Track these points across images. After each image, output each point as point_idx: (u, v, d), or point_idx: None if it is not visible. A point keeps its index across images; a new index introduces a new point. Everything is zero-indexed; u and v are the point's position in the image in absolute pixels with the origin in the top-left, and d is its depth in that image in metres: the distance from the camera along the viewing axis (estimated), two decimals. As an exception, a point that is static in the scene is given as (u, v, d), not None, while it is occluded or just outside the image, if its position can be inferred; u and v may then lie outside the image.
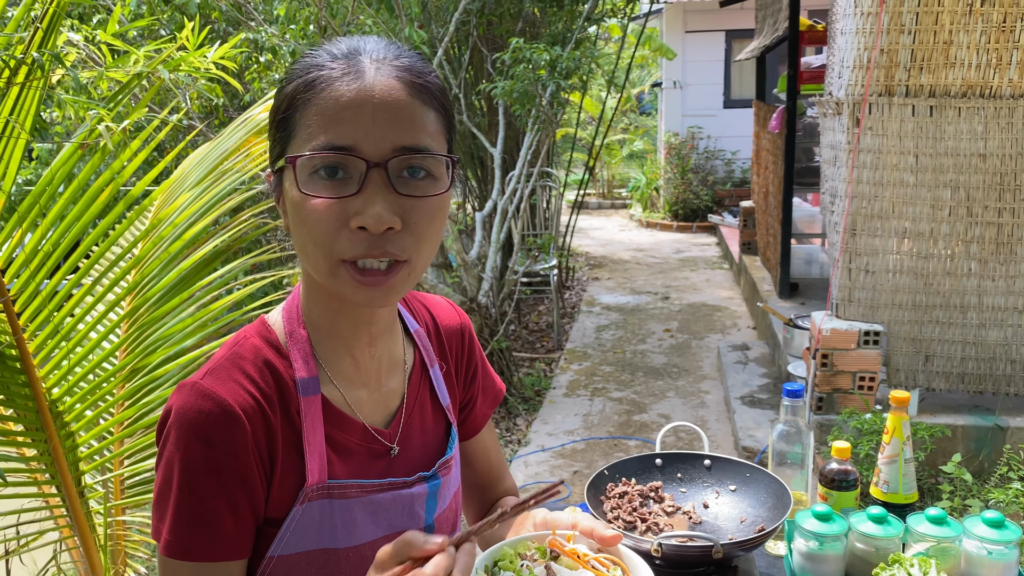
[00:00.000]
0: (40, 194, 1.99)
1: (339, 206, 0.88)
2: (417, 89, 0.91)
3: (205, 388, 0.95)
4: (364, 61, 0.90)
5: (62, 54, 2.06)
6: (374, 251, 0.89)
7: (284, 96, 0.93)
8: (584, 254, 10.07)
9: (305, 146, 0.89)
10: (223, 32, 4.90)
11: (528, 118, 5.36)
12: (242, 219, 2.45)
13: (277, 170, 0.95)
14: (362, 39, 0.94)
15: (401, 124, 0.88)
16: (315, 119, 0.88)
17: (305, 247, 0.92)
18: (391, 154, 0.88)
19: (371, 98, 0.87)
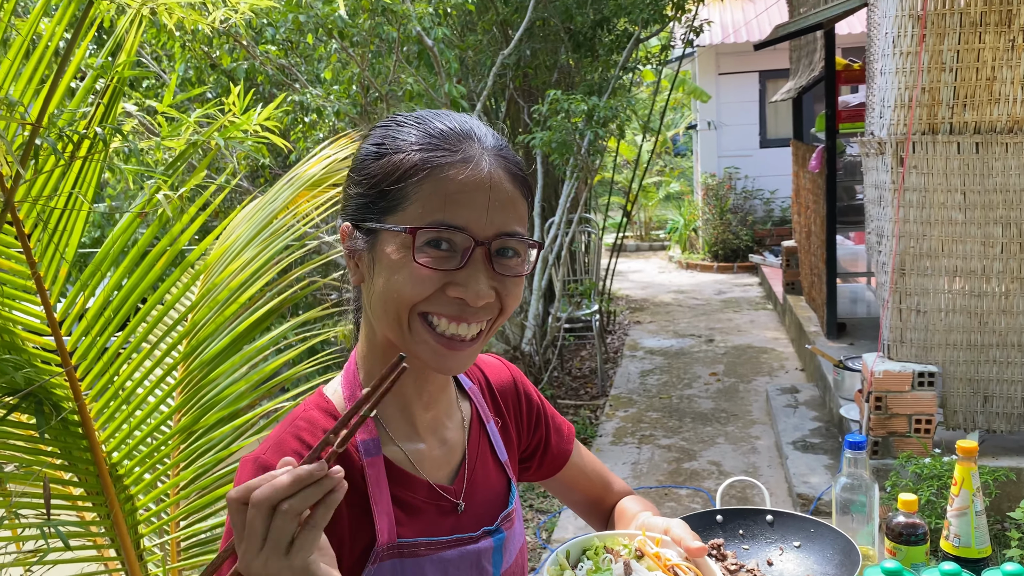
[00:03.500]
0: (101, 261, 2.05)
1: (441, 274, 0.94)
2: (518, 180, 1.00)
3: (265, 461, 0.97)
4: (476, 148, 0.97)
5: (120, 125, 2.14)
6: (466, 317, 0.96)
7: (395, 166, 0.96)
8: (625, 297, 10.03)
9: (421, 219, 0.94)
10: (268, 94, 5.04)
11: (566, 167, 5.40)
12: (291, 277, 2.49)
13: (366, 229, 0.99)
14: (467, 120, 1.01)
15: (505, 211, 0.97)
16: (433, 196, 0.94)
17: (387, 304, 0.97)
18: (494, 236, 0.96)
19: (486, 186, 0.95)
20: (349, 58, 4.64)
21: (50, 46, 1.82)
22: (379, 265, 0.97)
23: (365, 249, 0.99)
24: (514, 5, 6.04)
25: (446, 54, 4.85)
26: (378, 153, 0.99)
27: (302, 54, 5.41)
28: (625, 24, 6.07)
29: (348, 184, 1.04)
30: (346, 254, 1.03)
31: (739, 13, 11.71)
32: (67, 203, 1.96)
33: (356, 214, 1.00)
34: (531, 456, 1.28)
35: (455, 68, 4.98)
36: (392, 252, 0.96)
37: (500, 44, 6.43)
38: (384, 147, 0.98)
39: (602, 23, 5.97)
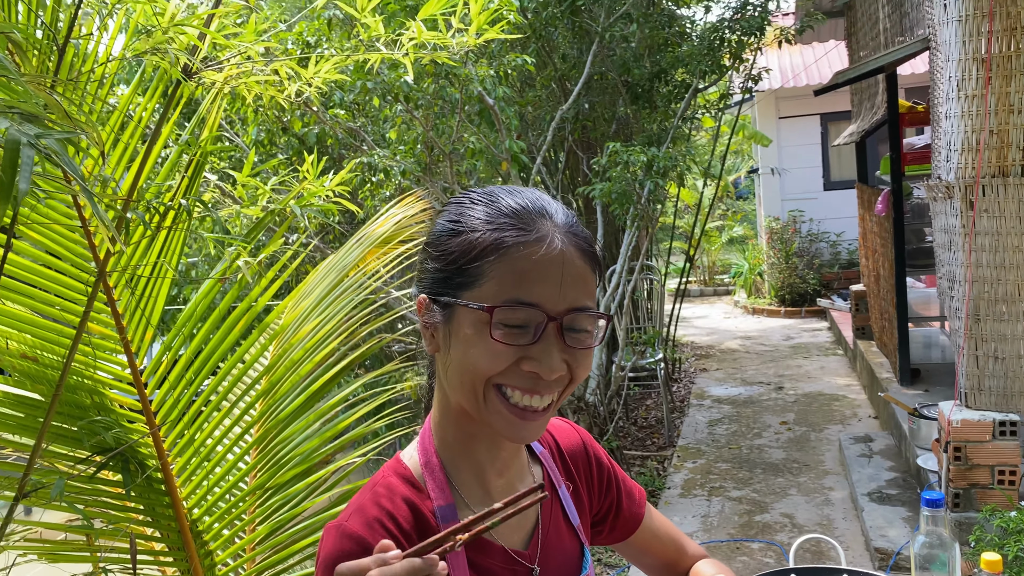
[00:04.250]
0: (184, 324, 2.15)
1: (515, 349, 0.98)
2: (588, 256, 1.03)
3: (346, 529, 1.01)
4: (549, 226, 1.01)
5: (202, 194, 2.26)
6: (539, 390, 0.99)
7: (471, 245, 1.00)
8: (689, 344, 9.92)
9: (497, 296, 0.98)
10: (337, 155, 5.22)
11: (626, 216, 5.43)
12: (362, 333, 2.56)
13: (443, 303, 1.03)
14: (538, 196, 1.05)
15: (576, 286, 1.00)
16: (509, 275, 0.98)
17: (463, 376, 1.01)
18: (566, 311, 0.99)
19: (559, 264, 0.99)
20: (413, 119, 4.78)
21: (141, 123, 1.95)
22: (455, 338, 1.01)
23: (441, 322, 1.03)
24: (572, 61, 6.16)
25: (506, 111, 4.96)
26: (454, 231, 1.03)
27: (368, 115, 5.60)
28: (683, 75, 6.12)
29: (424, 258, 1.07)
30: (422, 325, 1.07)
31: (798, 57, 11.68)
32: (153, 271, 2.07)
33: (432, 288, 1.04)
34: (603, 520, 1.29)
35: (515, 124, 5.08)
36: (468, 327, 0.99)
37: (558, 98, 6.54)
38: (460, 225, 1.03)
39: (660, 75, 6.03)
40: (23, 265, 1.99)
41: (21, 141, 0.76)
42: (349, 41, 4.28)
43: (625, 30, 5.96)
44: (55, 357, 2.00)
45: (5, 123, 0.78)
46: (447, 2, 2.28)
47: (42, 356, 2.00)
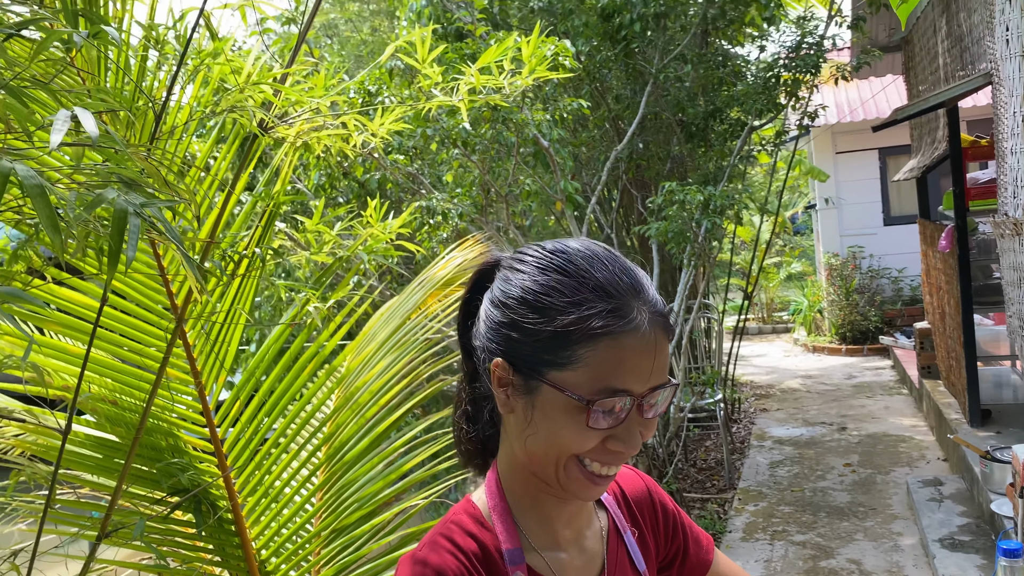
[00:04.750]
0: (255, 369, 2.22)
1: (603, 431, 1.00)
2: (670, 333, 1.05)
3: (421, 558, 1.05)
4: (641, 308, 1.01)
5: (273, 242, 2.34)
6: (618, 462, 1.02)
7: (566, 331, 0.99)
8: (749, 383, 9.76)
9: (591, 384, 0.99)
10: (396, 198, 5.34)
11: (683, 255, 5.42)
12: (424, 375, 2.60)
13: (526, 373, 1.03)
14: (626, 270, 1.04)
15: (661, 367, 1.02)
16: (603, 365, 0.98)
17: (548, 450, 1.02)
18: (648, 391, 1.01)
19: (651, 352, 1.00)
20: (470, 163, 4.87)
21: (218, 176, 2.04)
22: (539, 413, 1.02)
23: (522, 391, 1.04)
24: (625, 102, 6.21)
25: (561, 152, 5.03)
26: (538, 305, 1.01)
27: (424, 158, 5.72)
28: (738, 113, 6.13)
29: (503, 320, 1.05)
30: (496, 384, 1.06)
31: (854, 92, 11.57)
32: (226, 317, 2.15)
33: (512, 356, 1.03)
34: (670, 565, 1.30)
35: (570, 165, 5.14)
36: (558, 409, 1.00)
37: (612, 138, 6.60)
38: (545, 299, 1.01)
39: (714, 114, 6.05)
40: (105, 312, 2.08)
41: (128, 211, 0.81)
42: (409, 89, 4.41)
43: (679, 71, 6.00)
44: (133, 400, 2.08)
45: (113, 193, 0.84)
46: (503, 51, 2.35)
47: (121, 400, 2.08)
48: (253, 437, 2.21)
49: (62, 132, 0.73)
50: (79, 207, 0.80)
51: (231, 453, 2.20)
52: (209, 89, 1.87)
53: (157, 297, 2.07)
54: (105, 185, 0.96)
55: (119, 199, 0.82)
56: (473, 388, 1.17)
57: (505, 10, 5.71)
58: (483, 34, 4.86)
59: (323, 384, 2.28)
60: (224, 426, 2.19)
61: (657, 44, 5.78)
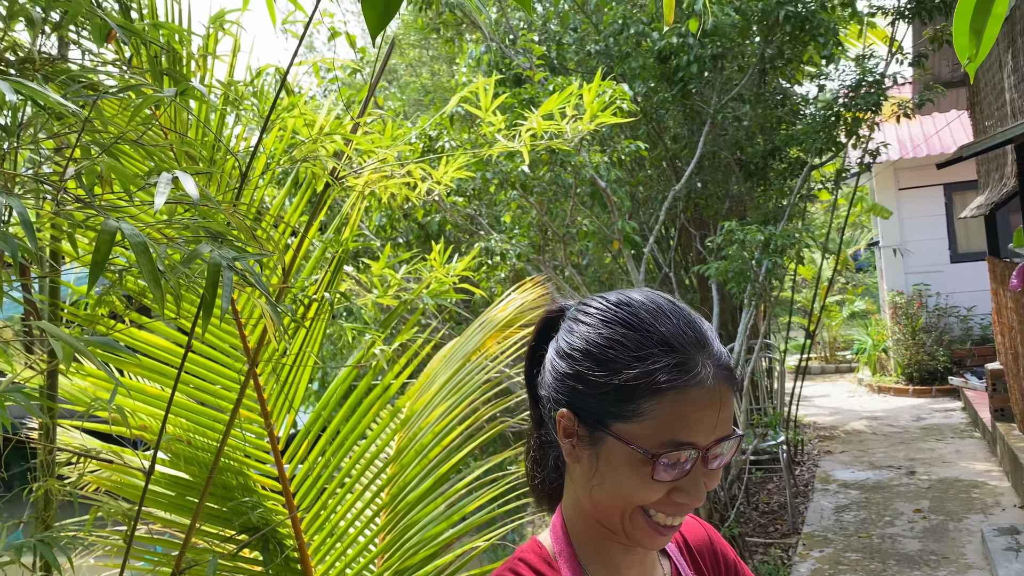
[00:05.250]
0: (322, 410, 2.28)
1: (668, 483, 1.01)
2: (735, 385, 1.05)
3: None
4: (705, 361, 1.02)
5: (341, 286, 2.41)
6: (683, 512, 1.03)
7: (632, 385, 1.01)
8: (812, 424, 9.54)
9: (655, 437, 1.00)
10: (454, 238, 5.42)
11: (744, 295, 5.37)
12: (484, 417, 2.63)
13: (592, 425, 1.05)
14: (690, 323, 1.05)
15: (725, 419, 1.03)
16: (668, 419, 1.00)
17: (613, 500, 1.04)
18: (713, 443, 1.02)
19: (716, 405, 1.01)
20: (528, 204, 4.93)
21: (291, 223, 2.12)
22: (605, 464, 1.03)
23: (587, 443, 1.05)
24: (683, 141, 6.22)
25: (618, 192, 5.05)
26: (602, 358, 1.03)
27: (481, 198, 5.80)
28: (797, 152, 6.09)
29: (568, 372, 1.06)
30: (562, 433, 1.07)
31: (917, 128, 11.38)
32: (296, 359, 2.21)
33: (577, 406, 1.05)
34: None
35: (627, 205, 5.16)
36: (623, 461, 1.02)
37: (670, 177, 6.60)
38: (610, 353, 1.03)
39: (773, 152, 6.02)
40: (180, 353, 2.16)
41: (222, 265, 0.87)
42: (469, 133, 4.50)
43: (737, 110, 6.00)
44: (207, 440, 2.15)
45: (207, 248, 0.89)
46: (565, 98, 2.40)
47: (195, 439, 2.15)
48: (320, 476, 2.25)
49: (164, 195, 0.79)
50: (177, 261, 0.86)
51: (298, 492, 2.25)
52: (284, 141, 1.95)
53: (231, 340, 2.14)
54: (196, 238, 1.02)
55: (213, 254, 0.88)
56: (540, 435, 1.19)
57: (562, 55, 5.80)
58: (541, 79, 4.95)
59: (387, 425, 2.32)
60: (292, 465, 2.24)
61: (714, 84, 5.80)
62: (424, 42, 10.61)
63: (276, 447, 2.22)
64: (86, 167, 0.87)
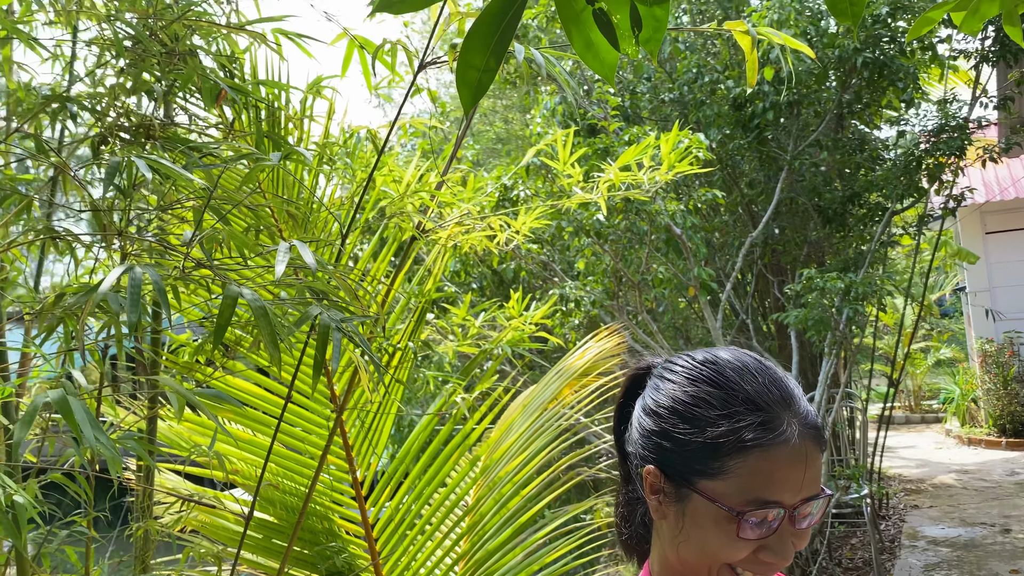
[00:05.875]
0: (404, 458, 2.33)
1: (755, 542, 1.02)
2: (822, 444, 1.05)
3: None
4: (791, 420, 1.03)
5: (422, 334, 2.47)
6: (769, 573, 1.03)
7: (717, 443, 1.03)
8: (897, 477, 9.18)
9: (741, 494, 1.01)
10: (528, 285, 5.48)
11: (824, 344, 5.26)
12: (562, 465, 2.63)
13: (678, 482, 1.07)
14: (776, 381, 1.06)
15: (814, 479, 1.03)
16: (754, 477, 1.01)
17: (700, 557, 1.05)
18: (801, 502, 1.02)
19: (802, 464, 1.02)
20: (602, 250, 4.96)
21: (378, 274, 2.20)
22: (691, 521, 1.05)
23: (673, 499, 1.07)
24: (759, 187, 6.19)
25: (694, 239, 5.04)
26: (688, 416, 1.05)
27: (553, 244, 5.86)
28: (877, 198, 5.98)
29: (654, 429, 1.09)
30: (648, 490, 1.09)
31: (1004, 170, 11.03)
32: (379, 407, 2.27)
33: (664, 464, 1.07)
34: None
35: (703, 252, 5.14)
36: (709, 519, 1.03)
37: (746, 223, 6.55)
38: (695, 411, 1.04)
39: (852, 198, 5.92)
40: (271, 400, 2.25)
41: (331, 326, 0.92)
42: (543, 182, 4.58)
43: (815, 156, 5.94)
44: (294, 484, 2.22)
45: (316, 310, 0.95)
46: (643, 150, 2.43)
47: (283, 484, 2.22)
48: (401, 523, 2.29)
49: (284, 263, 0.85)
50: (291, 322, 0.92)
51: (380, 538, 2.30)
52: (373, 197, 2.04)
53: (318, 386, 2.22)
54: (301, 299, 1.08)
55: (323, 316, 0.93)
56: (628, 490, 1.21)
57: (636, 103, 5.86)
58: (616, 129, 5.01)
59: (466, 474, 2.35)
60: (375, 511, 2.29)
61: (791, 130, 5.76)
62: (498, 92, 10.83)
63: (360, 492, 2.28)
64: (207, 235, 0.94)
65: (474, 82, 0.82)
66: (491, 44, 0.80)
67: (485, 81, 0.83)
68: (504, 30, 0.80)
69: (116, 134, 1.59)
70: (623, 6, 0.80)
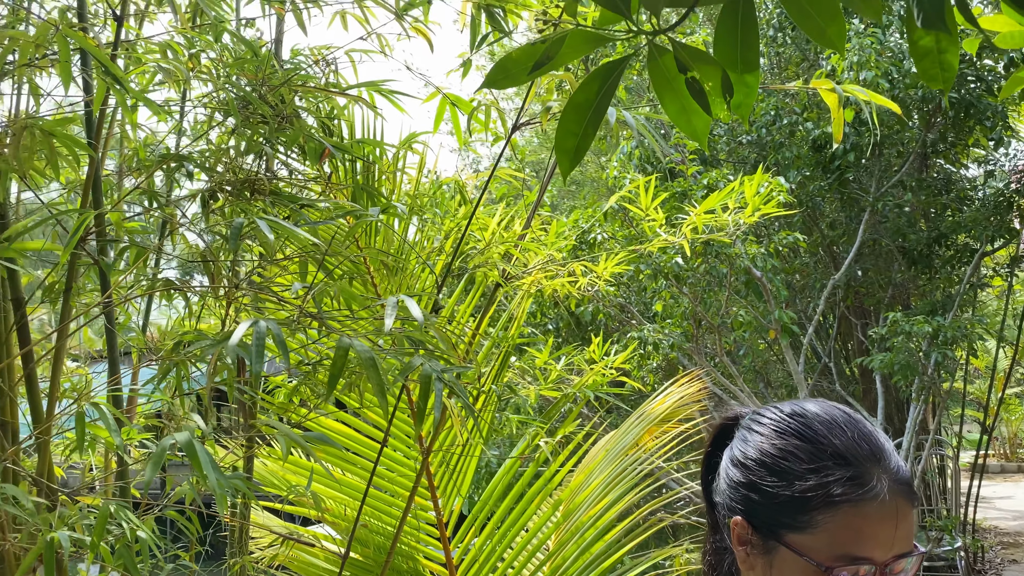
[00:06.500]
0: (487, 501, 2.36)
1: None
2: (914, 500, 1.04)
3: None
4: (881, 476, 1.02)
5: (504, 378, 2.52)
6: None
7: (806, 497, 1.02)
8: (992, 529, 8.74)
9: (830, 549, 1.01)
10: (604, 326, 5.49)
11: (911, 389, 5.11)
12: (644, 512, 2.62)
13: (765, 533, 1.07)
14: (866, 435, 1.05)
15: (904, 535, 1.02)
16: (843, 532, 1.01)
17: None
18: (892, 559, 1.01)
19: (893, 521, 1.01)
20: (680, 293, 4.96)
21: (463, 320, 2.27)
22: (778, 573, 1.05)
23: (761, 551, 1.07)
24: (840, 228, 6.09)
25: (774, 281, 4.99)
26: (776, 468, 1.05)
27: (631, 286, 5.86)
28: (966, 239, 5.82)
29: (742, 480, 1.09)
30: (735, 541, 1.09)
31: (1102, 207, 10.56)
32: (463, 449, 2.32)
33: (751, 515, 1.07)
34: None
35: (784, 295, 5.07)
36: (795, 571, 1.03)
37: (827, 264, 6.43)
38: (783, 464, 1.05)
39: (939, 239, 5.78)
40: (361, 441, 2.32)
41: (433, 377, 0.98)
42: (621, 225, 4.62)
43: (898, 197, 5.83)
44: (381, 524, 2.28)
45: (419, 360, 1.01)
46: (726, 195, 2.46)
47: (371, 523, 2.28)
48: (484, 564, 2.32)
49: (393, 317, 0.92)
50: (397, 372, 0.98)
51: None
52: (453, 240, 2.11)
53: (405, 428, 2.28)
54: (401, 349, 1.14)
55: (425, 366, 0.99)
56: (715, 540, 1.22)
57: (713, 146, 5.86)
58: (695, 173, 5.03)
59: (548, 518, 2.37)
60: (459, 553, 2.32)
61: (873, 171, 5.67)
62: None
63: (444, 533, 2.32)
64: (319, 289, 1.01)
65: (572, 149, 0.88)
66: (588, 114, 0.86)
67: (583, 147, 0.88)
68: (600, 100, 0.86)
69: (223, 188, 1.71)
70: (715, 74, 0.84)
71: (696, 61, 0.82)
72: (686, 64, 0.82)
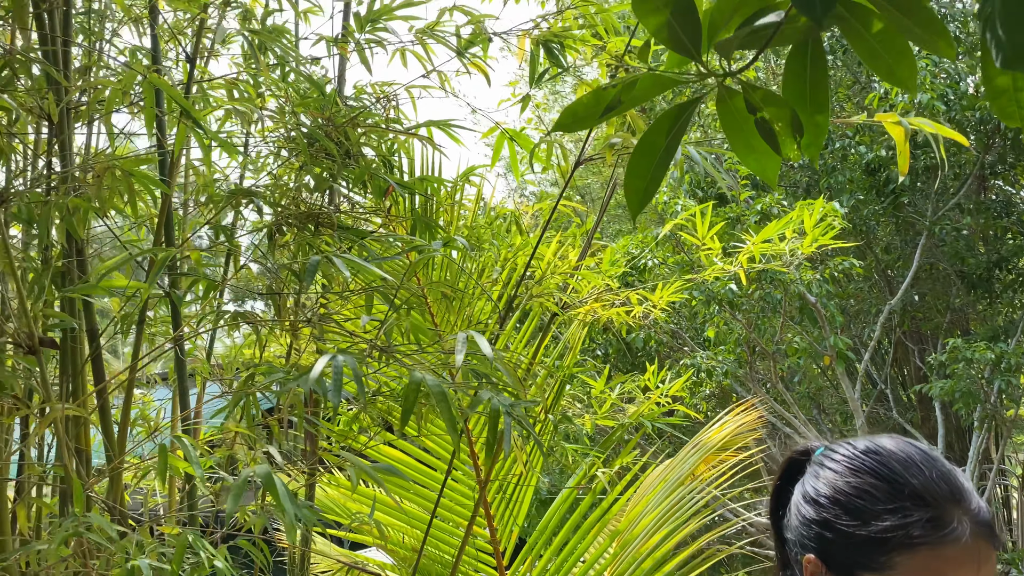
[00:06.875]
0: (544, 530, 2.36)
1: None
2: (996, 542, 1.02)
3: None
4: (962, 518, 0.99)
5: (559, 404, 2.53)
6: None
7: (883, 537, 1.01)
8: (1061, 564, 8.41)
9: None
10: (655, 352, 5.46)
11: (972, 417, 4.98)
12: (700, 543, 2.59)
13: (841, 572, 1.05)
14: (945, 475, 1.02)
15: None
16: (922, 574, 0.99)
17: None
18: None
19: (973, 565, 0.98)
20: (733, 319, 4.91)
21: (519, 348, 2.29)
22: None
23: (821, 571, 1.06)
24: (896, 253, 5.99)
25: (829, 307, 4.91)
26: (852, 508, 1.03)
27: (683, 313, 5.82)
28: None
29: (815, 518, 1.07)
30: None
31: None
32: (519, 478, 2.33)
33: (825, 553, 1.05)
34: None
35: (840, 321, 4.99)
36: None
37: (883, 289, 6.32)
38: (859, 503, 1.03)
39: (999, 263, 5.64)
40: (419, 469, 2.34)
41: (501, 411, 0.99)
42: (672, 251, 4.60)
43: (956, 220, 5.72)
44: (439, 552, 2.29)
45: (487, 394, 1.03)
46: (784, 225, 2.45)
47: (429, 551, 2.30)
48: (541, 595, 2.32)
49: (463, 352, 0.94)
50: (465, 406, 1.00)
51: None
52: (516, 275, 2.14)
53: (463, 458, 2.30)
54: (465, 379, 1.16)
55: (494, 401, 1.01)
56: (785, 575, 1.20)
57: (764, 170, 5.81)
58: (747, 198, 5.00)
59: (605, 549, 2.36)
60: (516, 584, 2.32)
61: (929, 194, 5.58)
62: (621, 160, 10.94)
63: (500, 562, 2.32)
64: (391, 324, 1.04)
65: (641, 191, 0.89)
66: (657, 157, 0.87)
67: (651, 190, 0.89)
68: (670, 143, 0.87)
69: (288, 222, 1.76)
70: (785, 115, 0.85)
71: (766, 103, 0.83)
72: (756, 105, 0.83)
